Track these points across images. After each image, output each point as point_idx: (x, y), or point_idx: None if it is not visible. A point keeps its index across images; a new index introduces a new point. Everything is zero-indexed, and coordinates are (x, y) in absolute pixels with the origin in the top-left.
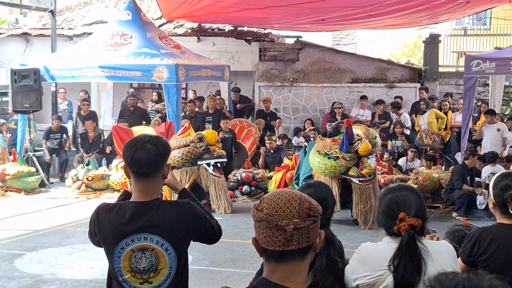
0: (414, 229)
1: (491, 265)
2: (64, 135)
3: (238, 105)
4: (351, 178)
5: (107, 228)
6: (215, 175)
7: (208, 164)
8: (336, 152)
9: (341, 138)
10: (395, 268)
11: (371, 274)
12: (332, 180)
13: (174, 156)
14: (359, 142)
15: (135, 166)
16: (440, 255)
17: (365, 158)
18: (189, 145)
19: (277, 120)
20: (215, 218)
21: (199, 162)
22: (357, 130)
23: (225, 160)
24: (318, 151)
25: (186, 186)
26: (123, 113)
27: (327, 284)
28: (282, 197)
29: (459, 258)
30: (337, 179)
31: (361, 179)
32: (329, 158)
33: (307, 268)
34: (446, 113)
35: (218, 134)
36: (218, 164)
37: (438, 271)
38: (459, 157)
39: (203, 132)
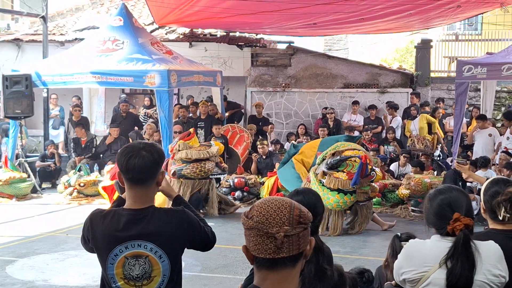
0: (468, 228)
1: None
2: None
3: (227, 113)
4: (359, 203)
5: (101, 235)
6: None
7: (218, 179)
8: (354, 187)
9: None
10: (451, 267)
11: (416, 269)
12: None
13: (199, 170)
14: (374, 172)
15: (130, 173)
16: (487, 255)
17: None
18: (209, 159)
19: (270, 126)
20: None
21: (210, 176)
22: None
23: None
24: (325, 185)
25: (188, 195)
26: (115, 119)
27: None
28: (272, 204)
29: None
30: None
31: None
32: (345, 193)
33: (298, 276)
34: (440, 119)
35: (210, 140)
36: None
37: (483, 272)
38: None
39: (212, 144)
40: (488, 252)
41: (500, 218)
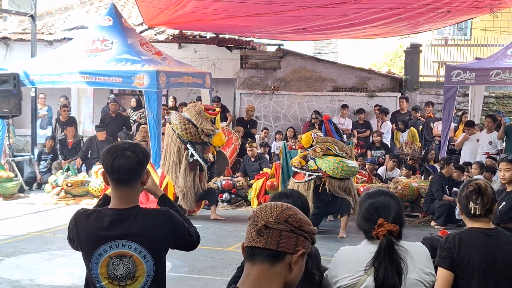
0: (392, 234)
1: (465, 268)
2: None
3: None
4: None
5: (85, 234)
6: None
7: (192, 155)
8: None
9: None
10: (376, 271)
11: (352, 275)
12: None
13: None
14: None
15: (115, 173)
16: (418, 255)
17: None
18: (197, 128)
19: (263, 131)
20: (194, 225)
21: (188, 146)
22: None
23: (205, 164)
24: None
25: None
26: (104, 120)
27: None
28: (274, 203)
29: (440, 267)
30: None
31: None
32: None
33: (280, 280)
34: (428, 124)
35: None
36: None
37: (416, 271)
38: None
39: (218, 131)
40: (418, 254)
41: (472, 212)
